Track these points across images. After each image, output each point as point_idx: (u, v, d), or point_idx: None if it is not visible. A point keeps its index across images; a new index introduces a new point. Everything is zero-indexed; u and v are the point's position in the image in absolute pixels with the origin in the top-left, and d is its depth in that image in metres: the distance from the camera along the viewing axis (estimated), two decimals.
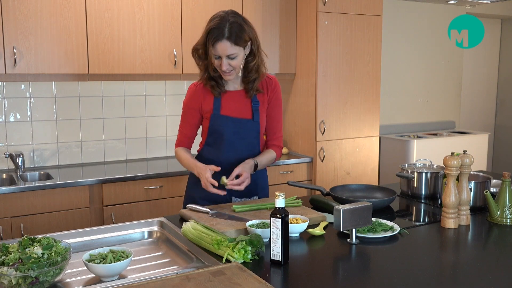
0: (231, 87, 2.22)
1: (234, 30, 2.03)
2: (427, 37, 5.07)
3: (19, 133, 3.31)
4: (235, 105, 2.20)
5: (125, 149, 3.66)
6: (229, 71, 2.08)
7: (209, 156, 2.23)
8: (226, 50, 2.03)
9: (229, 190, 2.16)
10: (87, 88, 3.48)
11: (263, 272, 1.53)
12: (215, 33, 2.02)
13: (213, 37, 2.02)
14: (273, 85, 2.28)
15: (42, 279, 1.39)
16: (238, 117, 2.19)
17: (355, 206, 1.76)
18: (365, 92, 3.88)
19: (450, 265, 1.66)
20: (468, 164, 1.98)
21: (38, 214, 2.85)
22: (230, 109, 2.19)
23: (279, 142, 2.33)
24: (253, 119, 2.21)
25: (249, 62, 2.13)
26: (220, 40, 2.01)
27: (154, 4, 3.28)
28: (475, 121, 5.93)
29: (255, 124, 2.21)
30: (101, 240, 1.89)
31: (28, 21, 2.94)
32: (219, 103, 2.19)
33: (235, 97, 2.21)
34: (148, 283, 1.37)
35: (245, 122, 2.20)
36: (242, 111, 2.20)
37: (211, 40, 2.03)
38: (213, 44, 2.03)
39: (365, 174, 3.97)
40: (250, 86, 2.18)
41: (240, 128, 2.19)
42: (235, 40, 2.03)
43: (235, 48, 2.04)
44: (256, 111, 2.21)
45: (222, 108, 2.19)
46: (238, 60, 2.07)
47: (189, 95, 2.25)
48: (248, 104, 2.21)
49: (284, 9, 3.76)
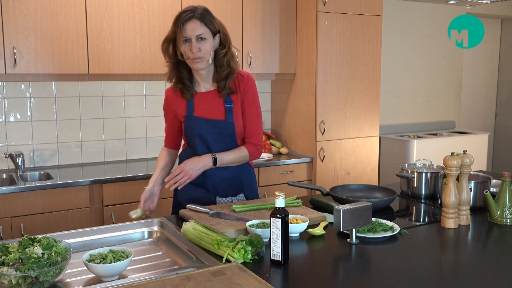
0: (202, 88, 2.18)
1: (204, 13, 2.06)
2: (427, 37, 5.07)
3: (19, 133, 3.31)
4: (207, 106, 2.16)
5: (125, 149, 3.66)
6: (198, 56, 2.03)
7: (190, 157, 2.20)
8: (195, 29, 2.02)
9: (212, 188, 2.20)
10: (87, 88, 3.48)
11: (263, 272, 1.53)
12: (185, 14, 2.03)
13: (182, 18, 2.03)
14: (245, 82, 2.19)
15: (42, 279, 1.39)
16: (211, 118, 2.15)
17: (355, 206, 1.76)
18: (365, 92, 3.88)
19: (450, 265, 1.66)
20: (468, 164, 1.98)
21: (38, 214, 2.85)
22: (203, 110, 2.16)
23: (257, 140, 2.23)
24: (226, 120, 2.15)
25: (220, 55, 2.11)
26: (190, 19, 2.03)
27: (154, 4, 3.28)
28: (475, 121, 5.93)
29: (228, 124, 2.15)
30: (101, 240, 1.89)
31: (28, 21, 2.94)
32: (192, 105, 2.16)
33: (208, 98, 2.17)
34: (148, 283, 1.37)
35: (218, 122, 2.15)
36: (215, 112, 2.16)
37: (180, 22, 2.02)
38: (183, 24, 2.02)
39: (365, 174, 3.97)
40: (223, 84, 2.13)
41: (213, 129, 2.15)
42: (205, 21, 2.04)
43: (204, 28, 2.04)
44: (229, 111, 2.15)
45: (195, 110, 2.16)
46: (207, 44, 2.05)
47: (164, 99, 2.27)
48: (221, 104, 2.16)
49: (284, 9, 3.76)
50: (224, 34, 2.13)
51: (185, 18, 2.03)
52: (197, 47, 2.03)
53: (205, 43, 2.05)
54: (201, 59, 2.06)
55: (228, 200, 2.24)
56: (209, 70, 2.15)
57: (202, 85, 2.19)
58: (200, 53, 2.04)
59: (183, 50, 2.06)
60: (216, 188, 2.22)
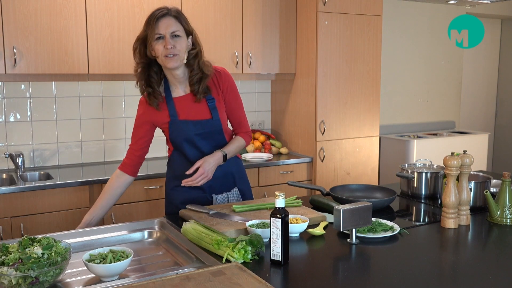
0: (181, 92, 2.14)
1: (179, 12, 2.04)
2: (427, 37, 5.07)
3: (19, 133, 3.31)
4: (190, 108, 2.12)
5: (125, 149, 3.65)
6: (173, 53, 1.98)
7: (178, 161, 2.20)
8: (170, 25, 1.98)
9: (208, 188, 2.18)
10: (87, 88, 3.48)
11: (263, 272, 1.53)
12: (159, 12, 2.00)
13: (156, 15, 1.99)
14: (223, 77, 2.18)
15: (42, 279, 1.39)
16: (197, 119, 2.12)
17: (355, 206, 1.76)
18: (365, 92, 3.88)
19: (450, 265, 1.66)
20: (468, 164, 1.98)
21: (38, 214, 2.85)
22: (187, 113, 2.12)
23: (247, 128, 2.27)
24: (212, 118, 2.13)
25: (192, 55, 2.06)
26: (164, 16, 1.99)
27: (154, 4, 3.28)
28: (475, 121, 5.93)
29: (215, 122, 2.14)
30: (101, 240, 1.89)
31: (28, 21, 2.94)
32: (174, 109, 2.11)
33: (188, 100, 2.13)
34: (148, 283, 1.37)
35: (205, 122, 2.13)
36: (200, 112, 2.13)
37: (154, 19, 1.97)
38: (156, 21, 1.97)
39: (365, 174, 3.97)
40: (196, 88, 2.09)
41: (201, 129, 2.13)
42: (179, 19, 2.02)
43: (179, 26, 2.01)
44: (213, 109, 2.13)
45: (179, 114, 2.12)
46: (182, 42, 2.01)
47: (139, 107, 2.18)
48: (204, 104, 2.13)
49: (284, 9, 3.76)
50: (195, 37, 2.10)
51: (159, 15, 1.99)
52: (172, 43, 1.97)
53: (180, 40, 2.00)
54: (176, 57, 2.00)
55: (224, 196, 2.24)
56: (184, 72, 2.11)
57: (180, 88, 2.14)
58: (175, 50, 1.98)
59: (156, 48, 2.00)
60: (211, 186, 2.21)
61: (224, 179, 2.24)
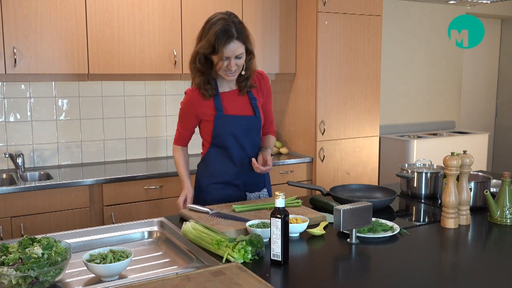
0: (226, 88, 2.26)
1: (241, 30, 2.10)
2: (427, 37, 5.07)
3: (19, 133, 3.31)
4: (236, 104, 2.25)
5: (125, 149, 3.66)
6: (235, 71, 2.13)
7: (217, 157, 2.28)
8: (237, 50, 2.08)
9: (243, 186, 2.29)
10: (87, 88, 3.48)
11: (263, 272, 1.53)
12: (226, 35, 2.06)
13: (224, 38, 2.05)
14: (265, 80, 2.35)
15: (42, 279, 1.39)
16: (242, 114, 2.25)
17: (355, 206, 1.76)
18: (365, 92, 3.88)
19: (450, 265, 1.66)
20: (468, 164, 1.98)
21: (38, 214, 2.85)
22: (232, 108, 2.24)
23: (274, 128, 2.47)
24: (255, 115, 2.27)
25: (247, 60, 2.19)
26: (231, 40, 2.07)
27: (154, 4, 3.28)
28: (475, 121, 5.93)
29: (257, 119, 2.28)
30: (101, 240, 1.89)
31: (28, 21, 2.94)
32: (220, 104, 2.21)
33: (234, 96, 2.26)
34: (148, 283, 1.37)
35: (249, 118, 2.26)
36: (244, 109, 2.26)
37: (222, 42, 2.05)
38: (225, 45, 2.06)
39: (365, 174, 3.97)
40: (244, 84, 2.24)
41: (245, 125, 2.25)
42: (243, 40, 2.11)
43: (243, 47, 2.11)
44: (256, 107, 2.27)
45: (225, 109, 2.22)
46: (243, 59, 2.14)
47: (186, 99, 2.28)
48: (247, 101, 2.27)
49: (284, 9, 3.76)
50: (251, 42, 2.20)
51: (227, 39, 2.05)
52: (235, 63, 2.11)
53: (241, 59, 2.13)
54: (236, 72, 2.16)
55: (255, 195, 2.35)
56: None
57: (226, 84, 2.26)
58: (236, 68, 2.13)
59: (220, 66, 2.12)
60: (246, 185, 2.32)
61: (257, 179, 2.36)
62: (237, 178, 2.29)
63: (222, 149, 2.27)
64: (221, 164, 2.28)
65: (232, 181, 2.29)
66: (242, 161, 2.27)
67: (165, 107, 3.76)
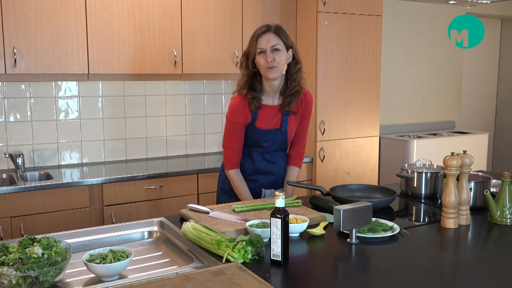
0: (269, 102, 2.31)
1: (279, 28, 2.22)
2: (427, 37, 5.07)
3: (19, 133, 3.31)
4: (269, 118, 2.31)
5: (125, 149, 3.66)
6: (273, 65, 2.16)
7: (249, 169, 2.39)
8: (270, 40, 2.17)
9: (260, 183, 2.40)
10: (87, 88, 3.48)
11: (263, 272, 1.53)
12: (261, 29, 2.20)
13: (258, 32, 2.19)
14: (307, 100, 2.38)
15: (42, 279, 1.39)
16: (267, 128, 2.31)
17: (355, 206, 1.76)
18: (365, 92, 3.88)
19: (450, 265, 1.66)
20: (468, 164, 1.98)
21: (38, 214, 2.85)
22: (263, 122, 2.30)
23: (303, 151, 2.50)
24: (281, 128, 2.32)
25: (293, 69, 2.25)
26: (265, 33, 2.18)
27: (154, 4, 3.28)
28: (475, 121, 5.93)
29: (282, 133, 2.33)
30: (101, 240, 1.89)
31: (28, 21, 2.94)
32: (256, 116, 2.29)
33: (271, 110, 2.31)
34: (148, 283, 1.37)
35: (274, 131, 2.32)
36: (273, 122, 2.32)
37: (256, 35, 2.19)
38: (258, 37, 2.18)
39: (365, 174, 3.97)
40: (288, 100, 2.27)
41: (271, 137, 2.32)
42: (279, 34, 2.18)
43: (278, 40, 2.17)
44: (285, 120, 2.31)
45: (257, 121, 2.29)
46: (282, 55, 2.18)
47: (235, 108, 2.30)
48: (280, 115, 2.32)
49: (284, 9, 3.76)
50: (296, 51, 2.26)
51: (260, 32, 2.19)
52: (272, 56, 2.16)
53: (279, 54, 2.18)
54: (276, 68, 2.18)
55: (271, 191, 2.42)
56: (281, 82, 2.27)
57: (271, 97, 2.31)
58: (274, 63, 2.17)
59: (258, 61, 2.19)
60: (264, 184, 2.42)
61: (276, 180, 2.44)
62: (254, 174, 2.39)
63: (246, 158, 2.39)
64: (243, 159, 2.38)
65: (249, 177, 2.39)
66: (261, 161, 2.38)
67: (165, 107, 3.76)
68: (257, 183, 2.41)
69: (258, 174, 2.40)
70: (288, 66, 2.26)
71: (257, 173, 2.40)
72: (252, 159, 2.39)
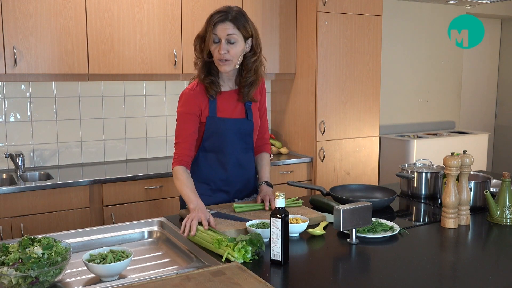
0: (227, 87, 2.14)
1: (238, 17, 2.00)
2: (427, 37, 5.07)
3: (19, 133, 3.31)
4: (229, 106, 2.13)
5: (125, 149, 3.66)
6: (225, 58, 1.99)
7: (207, 162, 2.15)
8: (226, 30, 1.97)
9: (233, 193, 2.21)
10: (87, 88, 3.48)
11: (263, 272, 1.53)
12: (219, 15, 1.98)
13: (215, 18, 1.98)
14: (262, 85, 2.24)
15: (42, 279, 1.39)
16: (233, 117, 2.13)
17: (355, 206, 1.76)
18: (365, 92, 3.88)
19: (450, 265, 1.66)
20: (468, 164, 1.98)
21: (38, 214, 2.85)
22: (225, 111, 2.12)
23: (268, 141, 2.36)
24: (247, 118, 2.15)
25: (249, 60, 2.06)
26: (222, 21, 1.98)
27: (154, 4, 3.28)
28: (475, 121, 5.93)
29: (249, 122, 2.16)
30: (101, 240, 1.89)
31: (28, 21, 2.94)
32: (215, 105, 2.10)
33: (229, 97, 2.13)
34: (148, 283, 1.37)
35: (241, 121, 2.14)
36: (236, 111, 2.14)
37: (212, 22, 1.98)
38: (214, 25, 1.97)
39: (365, 174, 3.97)
40: (246, 90, 2.11)
41: (237, 128, 2.13)
42: (237, 25, 1.99)
43: (236, 31, 1.98)
44: (249, 109, 2.16)
45: (218, 111, 2.11)
46: (237, 48, 2.00)
47: (185, 100, 2.11)
48: (241, 105, 2.16)
49: (284, 9, 3.76)
50: (256, 40, 2.07)
51: (217, 19, 1.98)
52: (226, 49, 1.98)
53: (235, 46, 2.00)
54: (228, 62, 2.01)
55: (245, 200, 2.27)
56: (235, 71, 2.11)
57: (227, 83, 2.14)
58: (228, 56, 1.99)
59: (212, 50, 2.01)
60: (236, 192, 2.22)
61: (248, 186, 2.26)
62: (228, 184, 2.18)
63: (213, 153, 2.14)
64: (211, 169, 2.14)
65: (222, 188, 2.18)
66: (234, 166, 2.16)
67: (165, 107, 3.76)
68: (230, 194, 2.20)
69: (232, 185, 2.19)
70: (245, 57, 2.06)
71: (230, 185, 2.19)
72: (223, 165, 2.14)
